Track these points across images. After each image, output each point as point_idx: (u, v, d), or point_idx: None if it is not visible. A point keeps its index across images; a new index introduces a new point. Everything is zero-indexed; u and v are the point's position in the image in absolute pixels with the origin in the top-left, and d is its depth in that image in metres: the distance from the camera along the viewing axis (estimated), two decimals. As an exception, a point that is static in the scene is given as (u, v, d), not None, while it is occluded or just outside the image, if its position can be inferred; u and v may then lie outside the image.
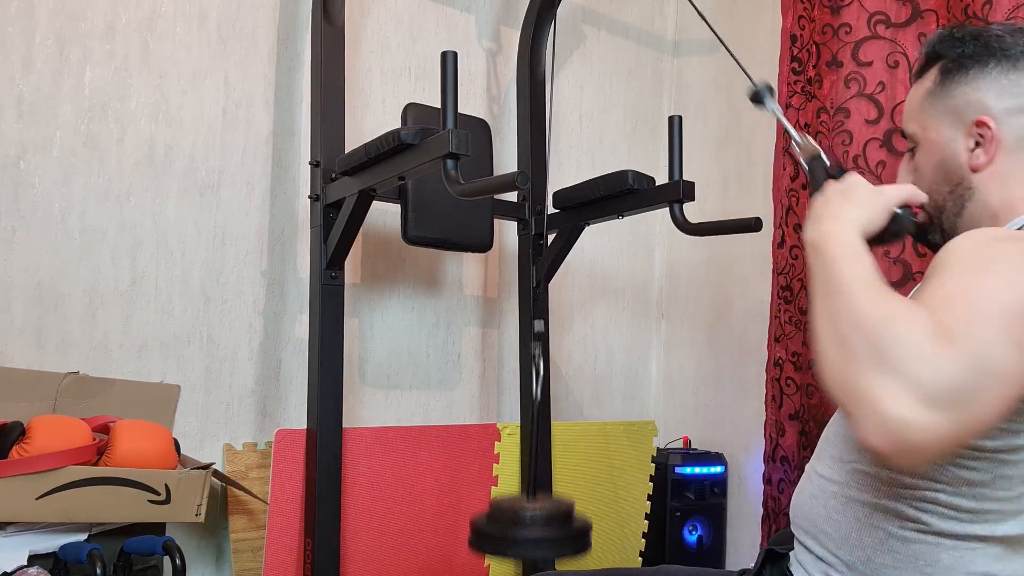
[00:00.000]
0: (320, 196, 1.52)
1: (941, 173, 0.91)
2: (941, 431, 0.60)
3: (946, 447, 0.61)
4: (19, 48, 1.45)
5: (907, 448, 0.60)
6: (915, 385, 0.60)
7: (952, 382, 0.60)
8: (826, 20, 1.83)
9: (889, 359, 0.61)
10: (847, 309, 0.67)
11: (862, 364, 0.63)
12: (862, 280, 0.69)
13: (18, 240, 1.44)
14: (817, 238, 0.76)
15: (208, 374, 1.63)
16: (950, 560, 0.80)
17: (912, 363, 0.60)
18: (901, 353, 0.61)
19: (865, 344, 0.63)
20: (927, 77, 0.93)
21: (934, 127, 0.91)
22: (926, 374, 0.60)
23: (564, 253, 1.82)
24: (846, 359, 0.65)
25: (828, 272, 0.72)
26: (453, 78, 1.18)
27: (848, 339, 0.65)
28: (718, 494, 2.09)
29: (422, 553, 1.69)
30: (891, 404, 0.60)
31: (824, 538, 0.89)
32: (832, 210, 0.79)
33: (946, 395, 0.60)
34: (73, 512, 1.24)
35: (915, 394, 0.59)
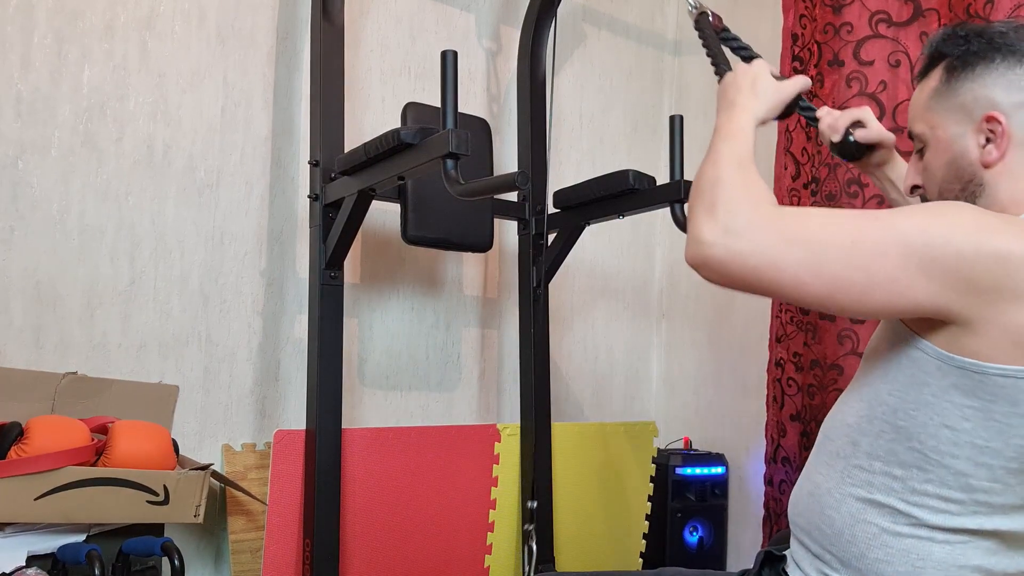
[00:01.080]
0: (319, 196, 1.51)
1: (952, 171, 0.91)
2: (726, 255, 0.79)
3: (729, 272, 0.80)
4: (17, 47, 1.44)
5: (704, 262, 0.81)
6: (721, 220, 0.80)
7: (747, 225, 0.79)
8: (828, 19, 1.83)
9: (716, 204, 0.82)
10: (711, 170, 0.87)
11: (703, 205, 0.83)
12: (732, 154, 0.88)
13: (16, 240, 1.44)
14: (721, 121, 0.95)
15: (207, 374, 1.63)
16: (942, 554, 0.82)
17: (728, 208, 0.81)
18: (726, 202, 0.82)
19: (707, 192, 0.84)
20: (932, 76, 0.93)
21: (942, 125, 0.91)
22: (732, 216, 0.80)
23: (564, 253, 1.82)
24: (697, 201, 0.85)
25: (714, 147, 0.90)
26: (453, 77, 1.18)
27: (703, 190, 0.85)
28: (719, 495, 2.09)
29: (421, 554, 1.69)
30: (702, 230, 0.81)
31: (819, 534, 0.90)
32: (742, 99, 0.97)
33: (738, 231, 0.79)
34: (71, 513, 1.23)
35: (719, 226, 0.80)
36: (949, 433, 0.80)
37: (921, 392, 0.81)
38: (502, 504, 1.81)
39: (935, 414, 0.80)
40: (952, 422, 0.79)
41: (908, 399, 0.82)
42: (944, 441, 0.80)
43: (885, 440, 0.84)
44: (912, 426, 0.82)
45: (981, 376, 0.77)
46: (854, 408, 0.90)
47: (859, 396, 0.90)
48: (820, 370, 1.82)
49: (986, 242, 0.76)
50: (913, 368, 0.82)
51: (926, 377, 0.81)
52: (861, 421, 0.88)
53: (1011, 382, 0.77)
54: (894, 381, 0.84)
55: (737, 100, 0.97)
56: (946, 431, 0.80)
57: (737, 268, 0.79)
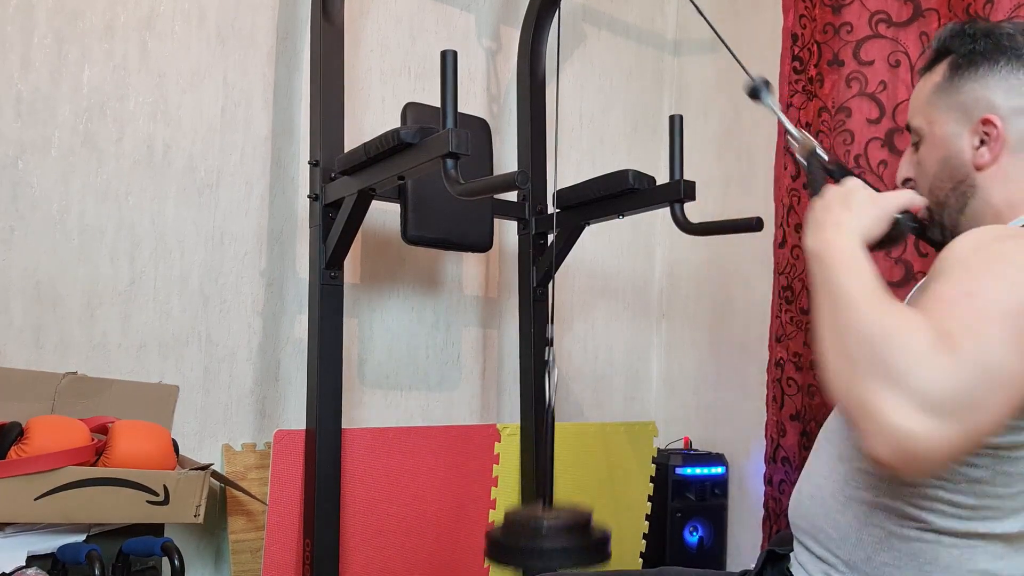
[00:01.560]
0: (319, 196, 1.51)
1: (945, 169, 0.91)
2: (945, 439, 0.60)
3: (952, 454, 0.61)
4: (17, 47, 1.44)
5: (912, 458, 0.61)
6: (916, 395, 0.60)
7: (954, 389, 0.60)
8: (827, 19, 1.83)
9: (891, 370, 0.61)
10: (850, 321, 0.68)
11: (866, 376, 0.63)
12: (864, 291, 0.69)
13: (16, 240, 1.44)
14: (819, 247, 0.77)
15: (207, 374, 1.62)
16: (950, 558, 0.80)
17: (913, 373, 0.60)
18: (902, 363, 0.61)
19: (868, 356, 0.64)
20: (935, 71, 0.92)
21: (940, 122, 0.91)
22: (926, 383, 0.60)
23: (564, 253, 1.82)
24: (851, 371, 0.65)
25: (830, 282, 0.72)
26: (453, 77, 1.18)
27: (851, 351, 0.66)
28: (719, 495, 2.09)
29: (422, 554, 1.69)
30: (894, 415, 0.60)
31: (824, 537, 0.89)
32: (833, 217, 0.79)
33: (949, 403, 0.60)
34: (71, 513, 1.23)
35: (917, 404, 0.60)
36: None
37: None
38: (502, 504, 1.81)
39: None
40: None
41: None
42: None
43: None
44: None
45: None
46: None
47: None
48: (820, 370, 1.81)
49: None
50: None
51: None
52: None
53: None
54: None
55: (826, 219, 0.79)
56: None
57: (963, 447, 0.61)
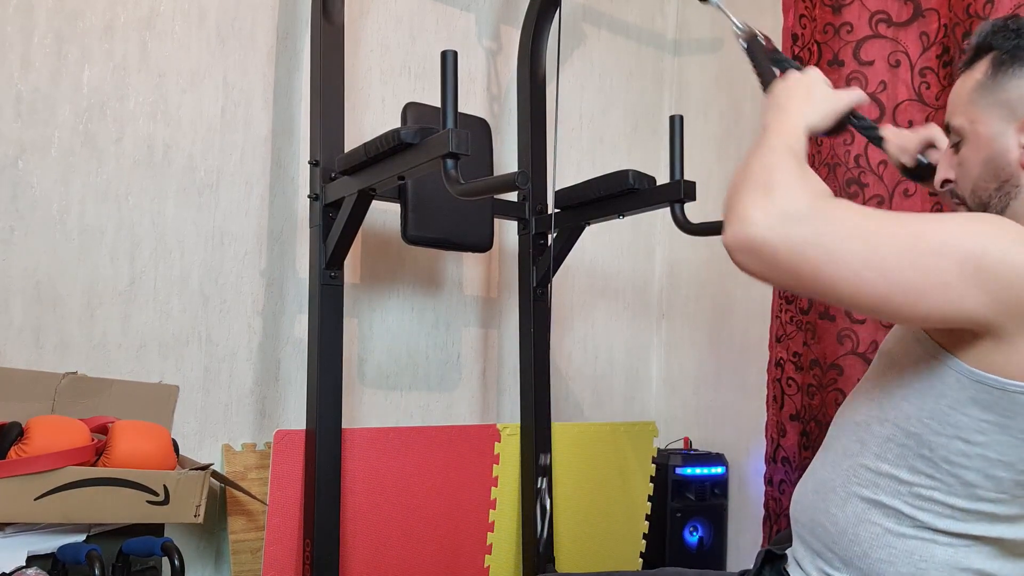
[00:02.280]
0: (319, 196, 1.51)
1: (989, 169, 0.88)
2: (771, 238, 0.74)
3: (771, 254, 0.74)
4: (17, 47, 1.44)
5: (750, 244, 0.75)
6: (779, 201, 0.75)
7: (810, 211, 0.74)
8: (827, 19, 1.83)
9: (769, 186, 0.76)
10: (763, 157, 0.81)
11: (749, 187, 0.77)
12: (787, 147, 0.83)
13: (16, 240, 1.44)
14: (773, 124, 0.88)
15: (207, 374, 1.62)
16: (944, 556, 0.82)
17: (787, 191, 0.76)
18: (785, 185, 0.76)
19: (761, 177, 0.78)
20: (977, 69, 0.89)
21: (983, 121, 0.88)
22: (791, 199, 0.75)
23: (564, 253, 1.82)
24: (742, 184, 0.79)
25: (766, 142, 0.84)
26: (453, 77, 1.18)
27: (753, 171, 0.79)
28: (719, 495, 2.09)
29: (422, 554, 1.69)
30: (754, 209, 0.75)
31: (822, 532, 0.89)
32: (795, 105, 0.91)
33: (800, 217, 0.74)
34: (72, 513, 1.23)
35: (776, 207, 0.74)
36: (962, 445, 0.79)
37: (938, 402, 0.80)
38: (502, 504, 1.81)
39: (950, 425, 0.79)
40: (967, 435, 0.78)
41: (924, 407, 0.81)
42: (956, 452, 0.79)
43: (895, 444, 0.84)
44: (925, 434, 0.81)
45: (1001, 392, 0.76)
46: (863, 408, 0.89)
47: (869, 397, 0.89)
48: (820, 370, 1.82)
49: None
50: (931, 377, 0.81)
51: (944, 388, 0.80)
52: (871, 421, 0.87)
53: None
54: (909, 387, 0.83)
55: (788, 105, 0.91)
56: (959, 443, 0.79)
57: (789, 256, 0.74)
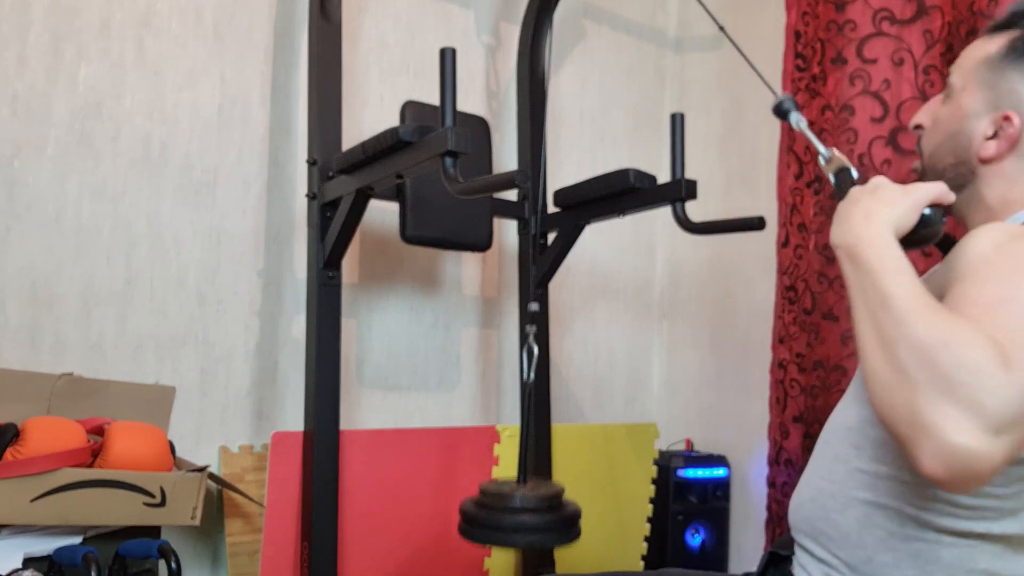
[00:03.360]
0: (317, 195, 1.50)
1: (951, 142, 0.88)
2: (999, 456, 0.60)
3: (1001, 469, 0.61)
4: (13, 45, 1.43)
5: (968, 475, 0.60)
6: (982, 414, 0.59)
7: (1015, 407, 0.59)
8: (831, 16, 1.81)
9: (954, 386, 0.60)
10: (900, 329, 0.65)
11: (923, 390, 0.61)
12: (911, 295, 0.66)
13: (12, 239, 1.43)
14: (851, 241, 0.73)
15: (204, 375, 1.61)
16: (951, 557, 0.80)
17: (979, 391, 0.59)
18: (966, 380, 0.60)
19: (926, 369, 0.61)
20: (996, 39, 0.88)
21: (971, 94, 0.88)
22: (993, 403, 0.59)
23: (564, 253, 1.81)
24: (903, 384, 0.63)
25: (870, 282, 0.69)
26: (452, 75, 1.16)
27: (904, 363, 0.63)
28: (721, 497, 2.08)
29: (420, 556, 1.68)
30: (955, 432, 0.59)
31: (824, 539, 0.88)
32: (862, 209, 0.75)
33: (1009, 421, 0.59)
34: (68, 515, 1.22)
35: (981, 422, 0.59)
36: None
37: None
38: (502, 506, 1.80)
39: None
40: None
41: None
42: None
43: (893, 446, 0.83)
44: None
45: None
46: (855, 411, 0.88)
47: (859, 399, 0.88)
48: (823, 371, 1.80)
49: None
50: None
51: None
52: (863, 425, 0.86)
53: None
54: None
55: (853, 211, 0.76)
56: None
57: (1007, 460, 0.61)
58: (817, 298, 1.81)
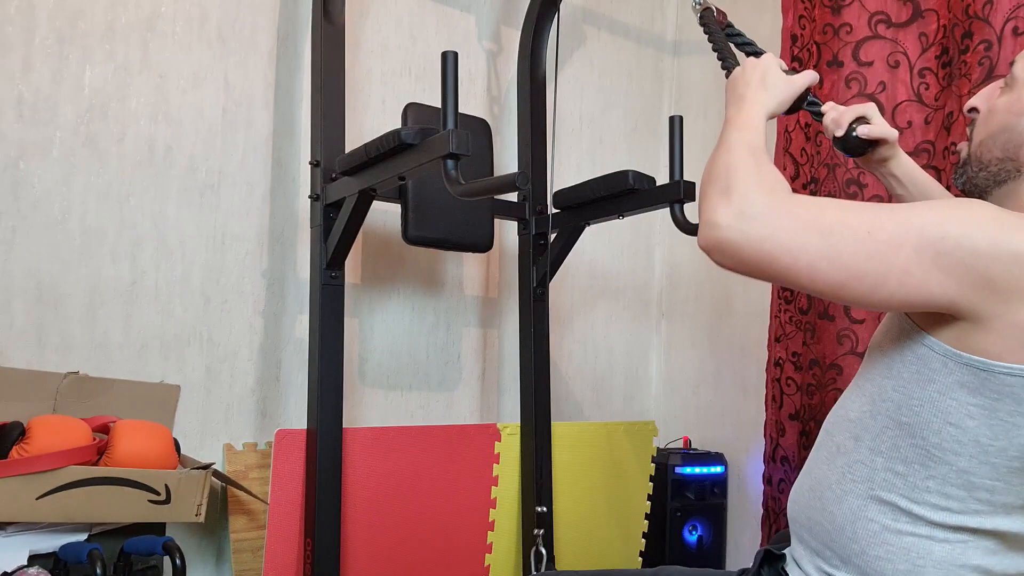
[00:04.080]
0: (320, 196, 1.52)
1: (1003, 136, 0.88)
2: (743, 235, 0.79)
3: (743, 257, 0.80)
4: (19, 48, 1.45)
5: (716, 244, 0.81)
6: (735, 206, 0.80)
7: (763, 209, 0.79)
8: (827, 20, 1.83)
9: (729, 189, 0.82)
10: (724, 156, 0.87)
11: (715, 190, 0.83)
12: (746, 143, 0.88)
13: (18, 240, 1.44)
14: (734, 116, 0.94)
15: (208, 374, 1.63)
16: (943, 553, 0.81)
17: (741, 195, 0.81)
18: (741, 187, 0.82)
19: (723, 178, 0.84)
20: None
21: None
22: (746, 202, 0.80)
23: (564, 253, 1.82)
24: (707, 187, 0.85)
25: (728, 138, 0.90)
26: (453, 78, 1.18)
27: (715, 175, 0.85)
28: (718, 494, 2.09)
29: (422, 553, 1.69)
30: (716, 213, 0.81)
31: (820, 531, 0.89)
32: (752, 94, 0.96)
33: (753, 214, 0.79)
34: (73, 512, 1.24)
35: (733, 210, 0.80)
36: (953, 430, 0.79)
37: (926, 388, 0.80)
38: (502, 503, 1.81)
39: (940, 411, 0.79)
40: (957, 419, 0.78)
41: (912, 395, 0.81)
42: (948, 438, 0.79)
43: (888, 436, 0.84)
44: (916, 423, 0.81)
45: (987, 374, 0.76)
46: (856, 403, 0.90)
47: (861, 391, 0.90)
48: (819, 370, 1.82)
49: (1005, 240, 0.74)
50: (918, 364, 0.81)
51: (931, 374, 0.80)
52: (864, 416, 0.87)
53: (1017, 381, 0.76)
54: (898, 377, 0.83)
55: (747, 94, 0.96)
56: (950, 428, 0.79)
57: (752, 253, 0.79)
58: (812, 298, 1.83)
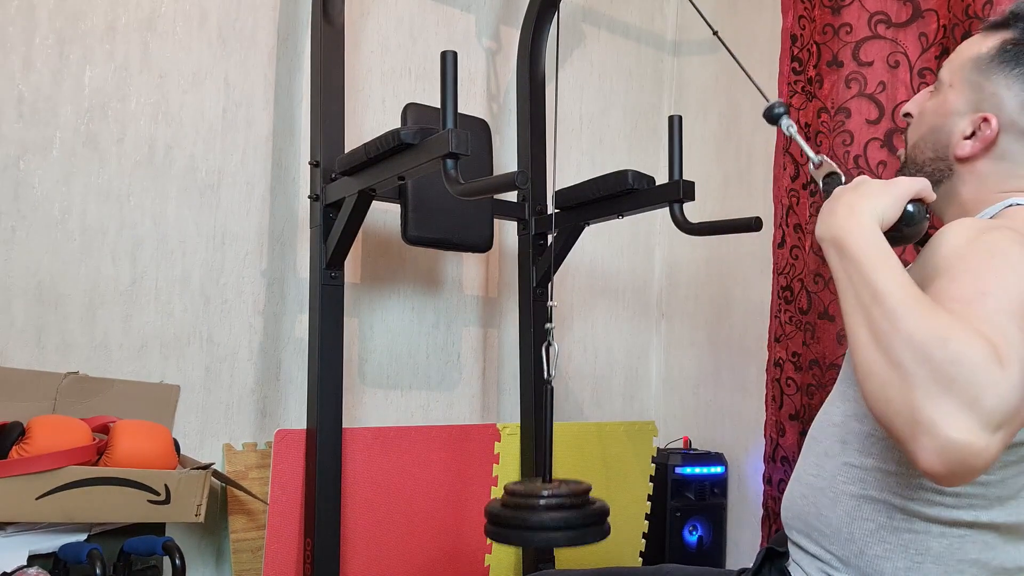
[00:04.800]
0: (320, 196, 1.52)
1: (932, 137, 0.91)
2: (994, 450, 0.60)
3: (994, 464, 0.62)
4: (19, 48, 1.45)
5: (965, 470, 0.60)
6: (980, 410, 0.59)
7: (1012, 404, 0.59)
8: (827, 20, 1.83)
9: (952, 383, 0.60)
10: (894, 323, 0.64)
11: (920, 386, 0.61)
12: (901, 287, 0.65)
13: (18, 240, 1.44)
14: (836, 234, 0.72)
15: (208, 374, 1.63)
16: (940, 548, 0.81)
17: (976, 388, 0.59)
18: (964, 376, 0.59)
19: (923, 366, 0.61)
20: (990, 38, 0.89)
21: (957, 91, 0.89)
22: (991, 399, 0.59)
23: (564, 253, 1.82)
24: (900, 380, 0.62)
25: (858, 274, 0.69)
26: (453, 78, 1.18)
27: (900, 358, 0.62)
28: (718, 494, 2.09)
29: (422, 553, 1.69)
30: (954, 429, 0.59)
31: (817, 535, 0.89)
32: (846, 202, 0.75)
33: (1006, 417, 0.59)
34: (73, 512, 1.24)
35: (980, 419, 0.59)
36: None
37: None
38: (502, 503, 1.81)
39: None
40: None
41: None
42: None
43: (877, 439, 0.84)
44: None
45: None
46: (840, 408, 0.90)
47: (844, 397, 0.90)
48: (819, 370, 1.82)
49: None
50: None
51: None
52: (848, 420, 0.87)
53: None
54: None
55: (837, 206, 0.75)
56: None
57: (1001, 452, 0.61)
58: (813, 298, 1.83)
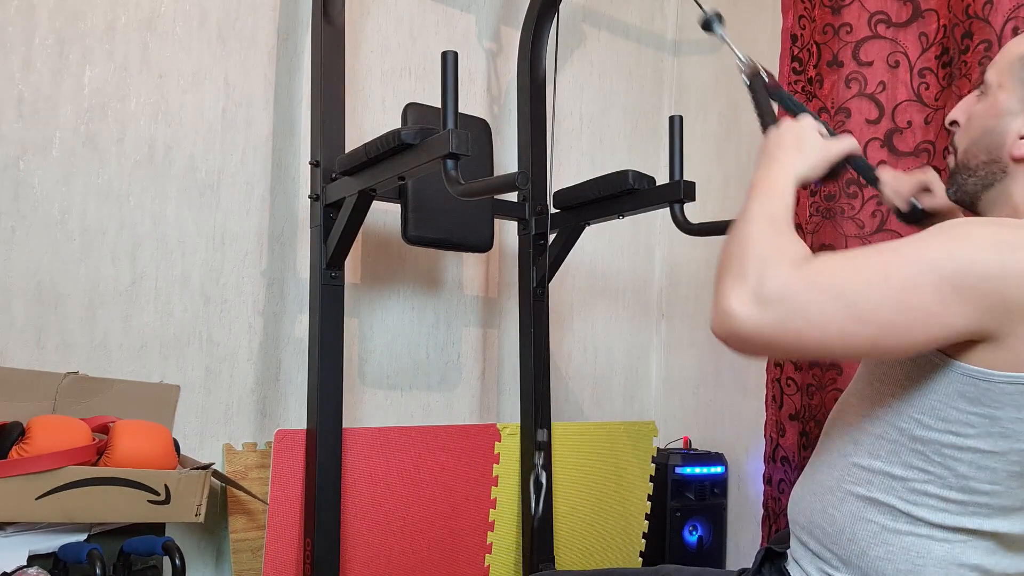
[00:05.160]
0: (320, 196, 1.52)
1: (985, 140, 0.89)
2: (760, 324, 0.75)
3: (766, 339, 0.75)
4: (19, 48, 1.45)
5: (733, 334, 0.76)
6: (752, 288, 0.75)
7: (780, 289, 0.74)
8: (827, 20, 1.83)
9: (743, 270, 0.77)
10: (740, 232, 0.82)
11: (728, 271, 0.78)
12: (763, 213, 0.83)
13: (18, 240, 1.44)
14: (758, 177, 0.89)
15: (208, 374, 1.63)
16: (942, 552, 0.82)
17: (759, 275, 0.76)
18: (752, 267, 0.77)
19: (736, 258, 0.79)
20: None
21: (1008, 91, 0.88)
22: (765, 283, 0.75)
23: (564, 253, 1.82)
24: (722, 267, 0.80)
25: (748, 204, 0.85)
26: (453, 78, 1.18)
27: (729, 252, 0.80)
28: (718, 494, 2.09)
29: (422, 553, 1.69)
30: (729, 300, 0.76)
31: (820, 533, 0.89)
32: (784, 156, 0.91)
33: (774, 299, 0.74)
34: (73, 512, 1.24)
35: (750, 294, 0.75)
36: (954, 438, 0.79)
37: (927, 398, 0.80)
38: (502, 503, 1.81)
39: (940, 420, 0.80)
40: (957, 428, 0.79)
41: (913, 403, 0.82)
42: (948, 445, 0.79)
43: (887, 441, 0.84)
44: (915, 429, 0.81)
45: (987, 384, 0.77)
46: (855, 408, 0.90)
47: (860, 396, 0.90)
48: (819, 370, 1.82)
49: (1011, 260, 0.73)
50: (919, 374, 0.81)
51: (932, 383, 0.80)
52: (862, 421, 0.88)
53: (1017, 388, 0.76)
54: (898, 384, 0.83)
55: (777, 155, 0.91)
56: (951, 436, 0.79)
57: (775, 335, 0.75)
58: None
